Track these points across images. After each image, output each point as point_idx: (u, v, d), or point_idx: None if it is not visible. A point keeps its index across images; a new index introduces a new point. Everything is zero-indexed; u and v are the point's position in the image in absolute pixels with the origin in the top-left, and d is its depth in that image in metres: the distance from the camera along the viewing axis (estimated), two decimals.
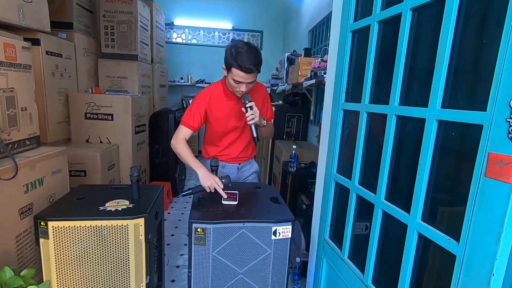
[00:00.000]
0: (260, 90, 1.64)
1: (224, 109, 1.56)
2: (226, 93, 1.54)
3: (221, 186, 1.37)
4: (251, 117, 1.39)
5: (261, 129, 1.57)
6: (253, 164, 1.83)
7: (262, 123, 1.50)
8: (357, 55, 1.14)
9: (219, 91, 1.56)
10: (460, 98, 0.72)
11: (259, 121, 1.44)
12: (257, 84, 1.60)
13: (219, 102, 1.56)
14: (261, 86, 1.66)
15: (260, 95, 1.62)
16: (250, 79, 1.38)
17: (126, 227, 1.19)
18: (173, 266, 2.16)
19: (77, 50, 2.54)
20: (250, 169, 1.80)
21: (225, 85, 1.54)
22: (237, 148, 1.68)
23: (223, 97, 1.55)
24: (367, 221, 1.06)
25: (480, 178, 0.60)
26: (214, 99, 1.55)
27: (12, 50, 1.40)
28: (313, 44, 3.72)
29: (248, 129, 1.60)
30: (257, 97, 1.58)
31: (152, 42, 3.55)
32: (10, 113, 1.40)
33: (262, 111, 1.59)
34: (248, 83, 1.40)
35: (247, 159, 1.76)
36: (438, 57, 0.74)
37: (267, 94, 1.68)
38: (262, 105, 1.63)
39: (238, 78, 1.37)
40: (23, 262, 1.39)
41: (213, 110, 1.56)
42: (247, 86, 1.41)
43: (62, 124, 2.40)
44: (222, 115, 1.57)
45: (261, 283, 1.27)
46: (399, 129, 0.90)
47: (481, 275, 0.60)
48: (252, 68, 1.34)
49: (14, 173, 1.28)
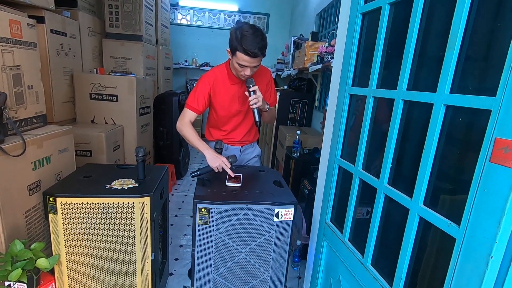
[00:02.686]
0: (264, 74, 1.63)
1: (227, 92, 1.55)
2: (230, 77, 1.53)
3: (228, 165, 1.39)
4: (254, 101, 1.39)
5: (264, 113, 1.56)
6: (256, 148, 1.84)
7: (265, 108, 1.50)
8: (366, 38, 1.12)
9: (223, 74, 1.55)
10: (469, 84, 0.71)
11: (262, 106, 1.43)
12: (261, 68, 1.58)
13: (223, 86, 1.55)
14: (265, 70, 1.64)
15: (264, 79, 1.61)
16: (255, 63, 1.37)
17: (132, 205, 1.22)
18: (177, 245, 2.22)
19: (81, 29, 2.51)
20: (252, 152, 1.81)
21: (229, 68, 1.53)
22: (240, 132, 1.69)
23: (226, 80, 1.54)
24: (368, 206, 1.07)
25: (485, 163, 0.60)
26: (217, 83, 1.54)
27: (18, 27, 1.39)
28: (321, 28, 3.64)
29: (251, 113, 1.60)
30: (261, 81, 1.57)
31: (157, 22, 3.49)
32: (17, 91, 1.41)
33: (265, 96, 1.58)
34: (252, 67, 1.39)
35: (249, 142, 1.77)
36: (450, 41, 0.72)
37: (271, 78, 1.66)
38: (266, 89, 1.62)
39: (243, 62, 1.36)
40: (32, 236, 1.44)
41: (217, 93, 1.55)
42: (252, 70, 1.40)
43: (68, 104, 2.41)
44: (225, 98, 1.56)
45: (263, 263, 1.31)
46: (406, 114, 0.90)
47: (479, 258, 0.61)
48: (257, 52, 1.33)
49: (22, 150, 1.30)
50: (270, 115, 1.64)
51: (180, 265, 2.00)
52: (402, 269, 0.87)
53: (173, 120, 3.27)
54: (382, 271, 0.97)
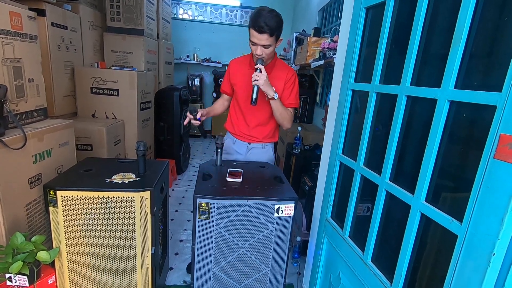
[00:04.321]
0: (284, 71, 1.58)
1: (244, 76, 1.61)
2: (251, 63, 1.59)
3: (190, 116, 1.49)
4: (255, 78, 1.38)
5: (273, 108, 1.52)
6: (267, 151, 1.73)
7: (269, 94, 1.44)
8: (370, 33, 1.11)
9: (245, 60, 1.64)
10: (474, 79, 0.70)
11: (264, 87, 1.40)
12: (283, 66, 1.60)
13: (241, 69, 1.63)
14: (288, 69, 1.60)
15: (282, 75, 1.57)
16: (263, 40, 1.38)
17: (132, 199, 1.22)
18: (177, 240, 2.23)
19: (82, 22, 2.49)
20: (262, 155, 1.72)
21: (252, 54, 1.58)
22: (251, 120, 1.65)
23: (247, 65, 1.62)
24: (369, 203, 1.07)
25: (489, 160, 0.60)
26: (237, 66, 1.65)
27: (18, 19, 1.38)
28: (323, 24, 3.62)
29: (264, 109, 1.61)
30: (277, 77, 1.56)
31: (158, 17, 3.47)
32: (17, 84, 1.40)
33: (282, 94, 1.57)
34: (262, 45, 1.40)
35: (259, 141, 1.70)
36: (455, 36, 0.71)
37: (292, 79, 1.58)
38: (284, 87, 1.57)
39: (253, 38, 1.40)
40: (33, 229, 1.44)
41: (235, 75, 1.64)
42: (262, 50, 1.41)
43: (68, 98, 2.41)
44: (242, 81, 1.62)
45: (263, 258, 1.31)
46: (408, 110, 0.89)
47: (481, 255, 0.61)
48: (263, 27, 1.33)
49: (22, 143, 1.30)
50: (281, 112, 1.53)
51: (180, 260, 2.01)
52: (403, 265, 0.86)
53: (174, 115, 3.26)
54: (382, 268, 0.97)
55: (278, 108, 1.52)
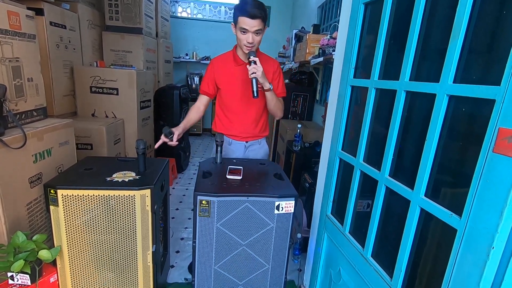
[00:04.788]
0: (271, 63, 1.61)
1: (230, 74, 1.59)
2: (235, 59, 1.57)
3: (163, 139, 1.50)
4: (253, 71, 1.38)
5: (268, 99, 1.54)
6: (263, 146, 1.76)
7: (266, 85, 1.46)
8: (369, 29, 1.10)
9: (228, 57, 1.60)
10: (472, 74, 0.70)
11: (261, 79, 1.41)
12: (268, 58, 1.62)
13: (226, 67, 1.60)
14: (272, 60, 1.64)
15: (270, 68, 1.59)
16: (256, 26, 1.38)
17: (132, 197, 1.22)
18: (178, 238, 2.24)
19: (81, 22, 2.49)
20: (259, 150, 1.74)
21: (235, 51, 1.58)
22: (244, 121, 1.64)
23: (231, 62, 1.59)
24: (369, 199, 1.07)
25: (487, 153, 0.60)
26: (221, 64, 1.60)
27: (16, 18, 1.38)
28: (322, 21, 3.61)
29: (257, 104, 1.60)
30: (264, 69, 1.53)
31: (157, 15, 3.46)
32: (16, 83, 1.40)
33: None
34: (253, 32, 1.40)
35: (256, 138, 1.71)
36: (454, 31, 0.71)
37: (278, 69, 1.63)
38: (272, 79, 1.60)
39: (244, 25, 1.39)
40: (34, 229, 1.45)
41: (220, 74, 1.60)
42: (253, 38, 1.41)
43: (68, 97, 2.41)
44: (228, 80, 1.59)
45: (263, 255, 1.32)
46: (408, 105, 0.89)
47: (481, 248, 0.61)
48: (255, 12, 1.35)
49: (22, 143, 1.30)
50: (276, 104, 1.58)
51: (181, 258, 2.01)
52: (403, 260, 0.87)
53: (174, 114, 3.26)
54: (383, 263, 0.97)
55: (273, 98, 1.54)
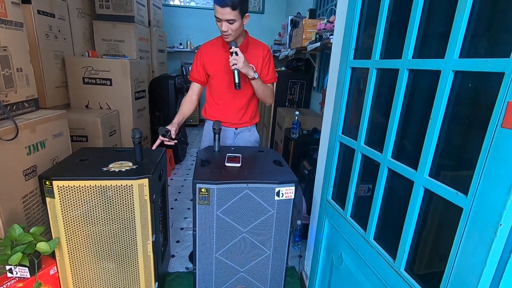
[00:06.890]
0: (260, 48, 1.59)
1: (218, 59, 1.57)
2: (224, 45, 1.54)
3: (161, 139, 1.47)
4: (234, 62, 1.38)
5: (255, 87, 1.53)
6: (253, 133, 1.77)
7: (250, 74, 1.45)
8: (369, 7, 1.07)
9: (217, 43, 1.58)
10: (479, 47, 0.68)
11: (244, 69, 1.40)
12: (257, 42, 1.60)
13: (214, 53, 1.58)
14: (262, 45, 1.61)
15: (259, 53, 1.57)
16: (226, 15, 1.34)
17: (130, 187, 1.20)
18: (178, 228, 2.23)
19: (70, 10, 2.41)
20: (249, 138, 1.75)
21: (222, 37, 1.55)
22: (234, 107, 1.64)
23: (220, 48, 1.57)
24: (370, 183, 1.06)
25: (496, 129, 0.58)
26: (209, 50, 1.59)
27: (2, 5, 1.32)
28: (319, 6, 3.53)
29: (246, 89, 1.58)
30: (253, 55, 1.55)
31: (149, 2, 3.37)
32: (5, 74, 1.35)
33: (261, 71, 1.57)
34: (226, 20, 1.36)
35: (245, 125, 1.71)
36: (460, 3, 0.68)
37: (268, 54, 1.61)
38: (262, 65, 1.58)
39: (217, 13, 1.37)
40: (31, 222, 1.42)
41: (209, 60, 1.59)
42: (226, 26, 1.38)
43: (60, 89, 2.35)
44: (217, 65, 1.58)
45: (264, 242, 1.31)
46: (410, 85, 0.87)
47: (488, 226, 0.60)
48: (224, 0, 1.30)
49: (14, 134, 1.27)
50: (265, 91, 1.57)
51: (181, 247, 2.01)
52: (406, 242, 0.86)
53: (169, 104, 3.21)
54: (385, 246, 0.97)
55: (260, 86, 1.54)
